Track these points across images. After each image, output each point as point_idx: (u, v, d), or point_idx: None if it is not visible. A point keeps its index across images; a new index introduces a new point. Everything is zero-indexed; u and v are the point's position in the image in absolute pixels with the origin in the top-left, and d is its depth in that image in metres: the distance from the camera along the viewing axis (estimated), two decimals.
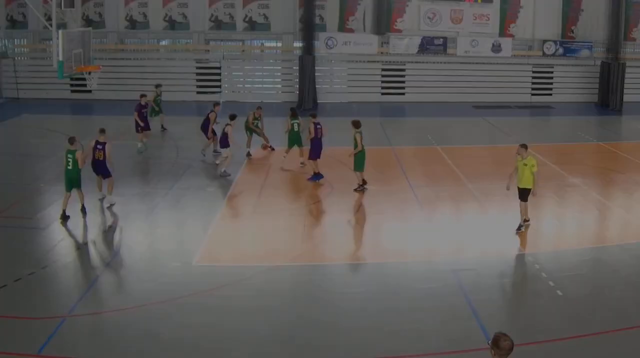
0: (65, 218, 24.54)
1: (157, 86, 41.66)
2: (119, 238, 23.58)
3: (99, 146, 25.89)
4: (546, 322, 17.32)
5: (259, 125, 35.57)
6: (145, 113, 35.79)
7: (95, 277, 20.12)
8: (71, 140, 24.90)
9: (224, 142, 31.11)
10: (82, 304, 18.05)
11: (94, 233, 23.84)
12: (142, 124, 35.17)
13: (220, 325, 17.06)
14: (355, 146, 28.11)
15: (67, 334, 16.40)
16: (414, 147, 38.90)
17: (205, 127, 34.57)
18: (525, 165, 23.42)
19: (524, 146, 23.67)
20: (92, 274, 20.44)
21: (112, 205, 26.13)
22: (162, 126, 41.10)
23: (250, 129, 35.22)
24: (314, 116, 31.73)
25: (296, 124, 33.09)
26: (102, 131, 26.30)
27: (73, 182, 24.78)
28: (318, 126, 30.91)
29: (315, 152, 30.68)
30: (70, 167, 24.66)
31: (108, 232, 23.95)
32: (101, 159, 25.91)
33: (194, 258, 21.45)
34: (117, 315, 17.66)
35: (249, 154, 34.50)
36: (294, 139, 33.20)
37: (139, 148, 34.64)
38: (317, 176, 30.16)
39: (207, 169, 32.34)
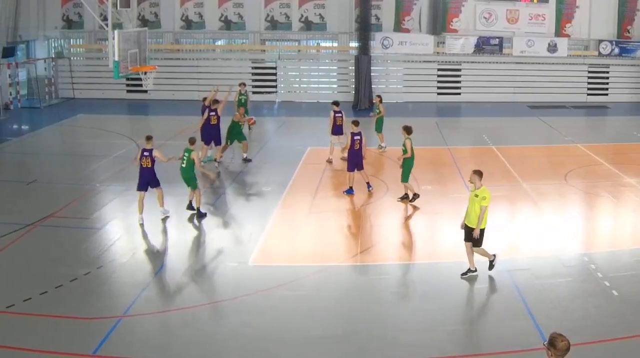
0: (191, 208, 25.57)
1: (241, 84, 40.47)
2: (175, 239, 23.77)
3: (145, 153, 24.67)
4: (602, 322, 17.13)
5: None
6: (209, 120, 32.29)
7: (151, 277, 20.35)
8: (191, 140, 25.17)
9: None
10: (138, 304, 18.20)
11: (150, 234, 23.98)
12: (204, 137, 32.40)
13: (276, 325, 17.09)
14: (405, 152, 27.05)
15: (122, 335, 16.54)
16: (470, 147, 38.67)
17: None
18: (476, 196, 19.52)
19: (478, 173, 19.80)
20: (148, 274, 20.65)
21: (166, 217, 25.20)
22: (249, 127, 40.36)
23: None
24: (356, 124, 28.84)
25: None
26: (149, 138, 25.14)
27: (186, 181, 25.27)
28: (356, 137, 28.30)
29: (351, 163, 28.38)
30: (184, 166, 25.04)
31: (164, 232, 24.12)
32: (149, 166, 24.67)
33: (250, 258, 21.56)
34: (173, 315, 17.79)
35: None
36: (380, 125, 36.20)
37: (211, 159, 33.07)
38: (349, 190, 28.33)
39: (263, 169, 32.49)
